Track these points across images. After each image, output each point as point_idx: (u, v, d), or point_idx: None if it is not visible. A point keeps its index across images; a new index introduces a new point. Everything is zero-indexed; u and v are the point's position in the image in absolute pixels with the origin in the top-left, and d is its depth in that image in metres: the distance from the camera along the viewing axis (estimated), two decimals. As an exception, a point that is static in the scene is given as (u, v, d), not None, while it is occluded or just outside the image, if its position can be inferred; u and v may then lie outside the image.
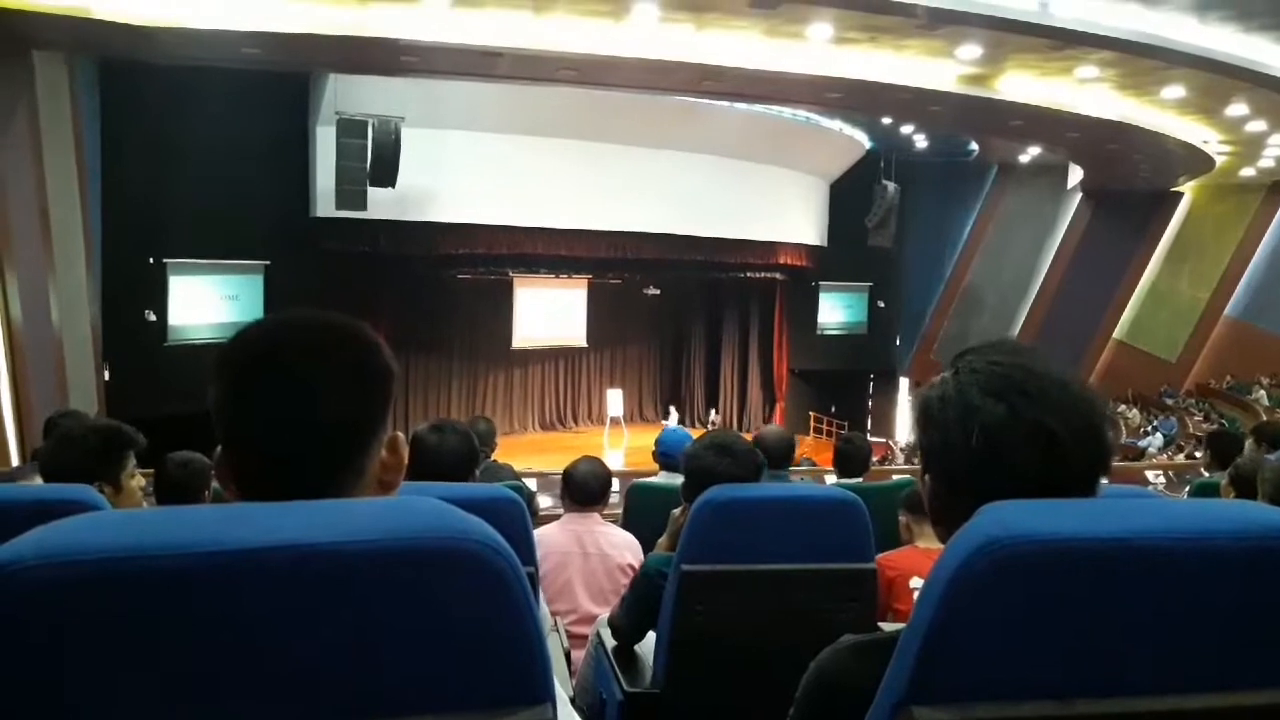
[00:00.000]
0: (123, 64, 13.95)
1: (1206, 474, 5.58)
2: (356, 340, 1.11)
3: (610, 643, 2.94)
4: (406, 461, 1.14)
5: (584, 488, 3.75)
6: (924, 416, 1.18)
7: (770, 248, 22.98)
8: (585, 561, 3.58)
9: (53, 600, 0.74)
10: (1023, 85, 13.52)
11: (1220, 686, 0.95)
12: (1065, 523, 0.94)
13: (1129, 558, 0.92)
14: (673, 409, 24.60)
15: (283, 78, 16.41)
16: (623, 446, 21.47)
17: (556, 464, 4.04)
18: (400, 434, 1.14)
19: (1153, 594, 0.93)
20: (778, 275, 24.43)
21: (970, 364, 1.16)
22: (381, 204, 16.70)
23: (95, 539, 0.77)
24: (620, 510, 4.52)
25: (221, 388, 1.06)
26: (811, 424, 25.18)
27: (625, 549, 3.67)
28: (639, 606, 2.79)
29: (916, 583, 3.19)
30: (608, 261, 22.06)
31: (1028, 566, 0.91)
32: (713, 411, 24.94)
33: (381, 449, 1.11)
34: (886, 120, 20.25)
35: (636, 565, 3.65)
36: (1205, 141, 16.77)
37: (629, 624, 2.86)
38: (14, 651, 0.74)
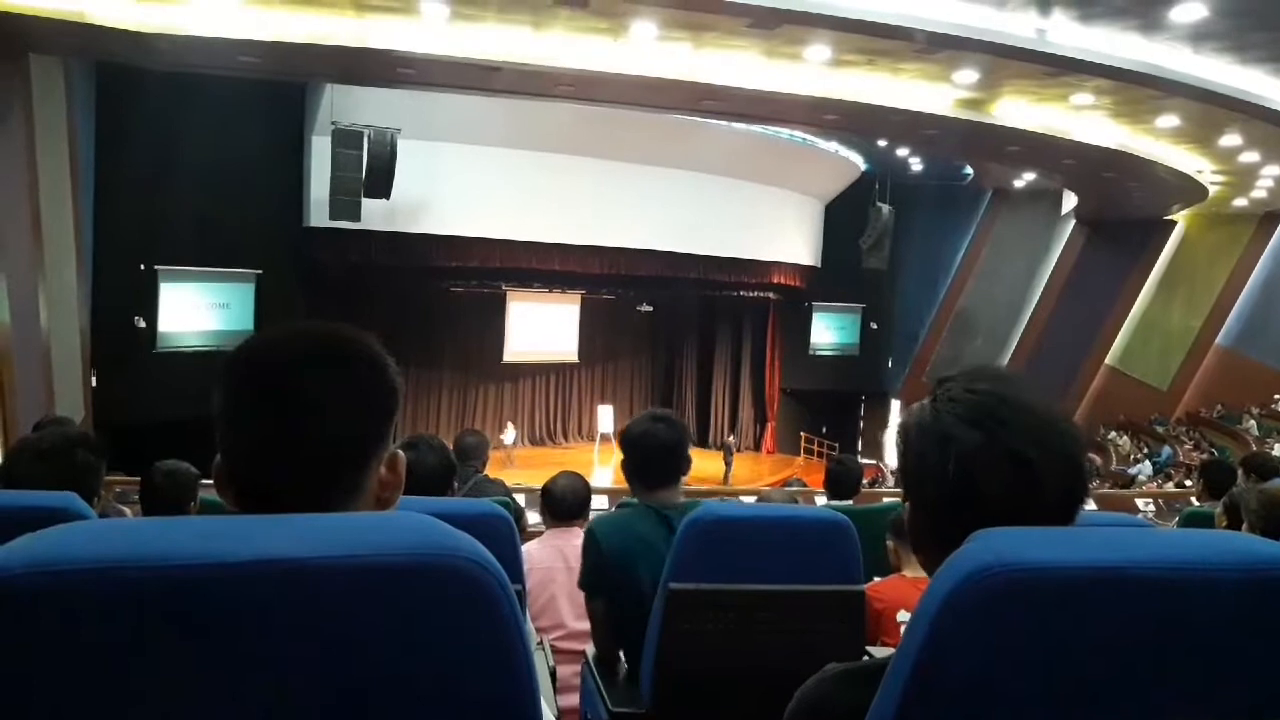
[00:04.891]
0: (119, 70, 13.96)
1: (1197, 503, 5.59)
2: (364, 356, 1.10)
3: (592, 654, 2.95)
4: (404, 480, 1.14)
5: (563, 503, 3.75)
6: (903, 444, 1.19)
7: (764, 267, 23.06)
8: (569, 576, 3.56)
9: (39, 609, 0.74)
10: (1019, 111, 13.61)
11: (1213, 715, 0.95)
12: (1058, 551, 0.94)
13: (1122, 587, 0.92)
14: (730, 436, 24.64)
15: (279, 87, 16.44)
16: (613, 463, 21.44)
17: (546, 480, 4.05)
18: (400, 453, 1.13)
19: (1144, 624, 0.93)
20: (771, 295, 24.52)
21: (948, 391, 1.16)
22: (375, 215, 16.72)
23: (83, 548, 0.76)
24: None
25: (225, 396, 1.06)
26: (802, 444, 25.21)
27: None
28: (591, 578, 2.86)
29: (904, 616, 3.18)
30: (601, 277, 22.10)
31: (1020, 594, 0.91)
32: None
33: (381, 466, 1.10)
34: (882, 143, 20.34)
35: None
36: (1199, 171, 16.87)
37: (597, 607, 2.88)
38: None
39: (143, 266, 16.34)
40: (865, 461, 18.93)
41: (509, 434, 22.10)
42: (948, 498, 1.12)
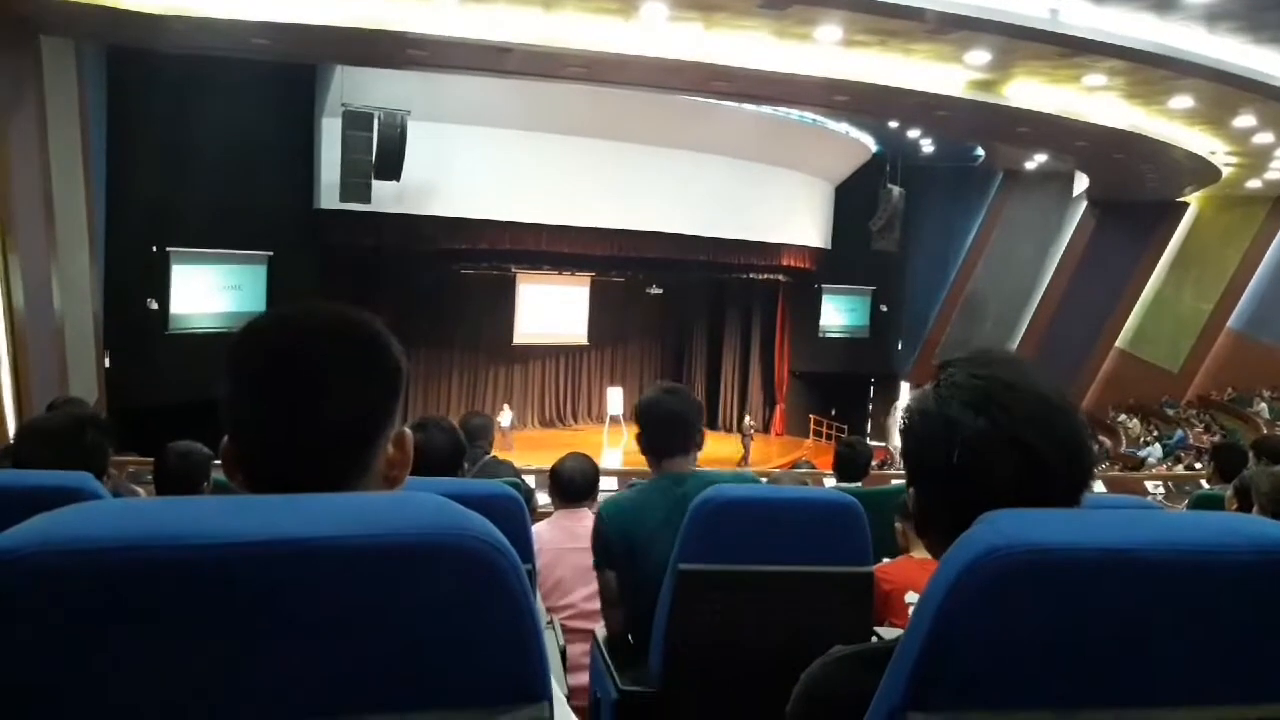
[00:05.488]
0: (130, 51, 13.95)
1: (1207, 485, 5.57)
2: (369, 337, 1.11)
3: (601, 634, 2.96)
4: (412, 459, 1.14)
5: (571, 484, 3.77)
6: (907, 430, 1.19)
7: (774, 249, 22.99)
8: (578, 557, 3.58)
9: (56, 588, 0.74)
10: (1031, 92, 13.51)
11: (1219, 699, 0.95)
12: (1067, 532, 0.94)
13: (1130, 568, 0.92)
14: (748, 417, 24.53)
15: (289, 68, 16.41)
16: (622, 445, 21.46)
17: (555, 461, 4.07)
18: (407, 430, 1.13)
19: (1152, 605, 0.93)
20: (781, 277, 24.45)
21: (951, 376, 1.16)
22: (386, 197, 16.71)
23: (99, 528, 0.77)
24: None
25: (231, 378, 1.06)
26: (811, 426, 25.18)
27: None
28: (597, 553, 2.90)
29: (912, 597, 3.18)
30: (611, 259, 22.07)
31: (1029, 575, 0.91)
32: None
33: (389, 445, 1.11)
34: (893, 124, 20.24)
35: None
36: (1212, 152, 16.75)
37: (608, 579, 2.91)
38: (15, 637, 0.74)
39: (155, 249, 16.33)
40: (874, 444, 18.86)
41: (505, 416, 21.95)
42: (952, 483, 1.13)
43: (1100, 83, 12.92)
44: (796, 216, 23.10)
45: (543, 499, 5.27)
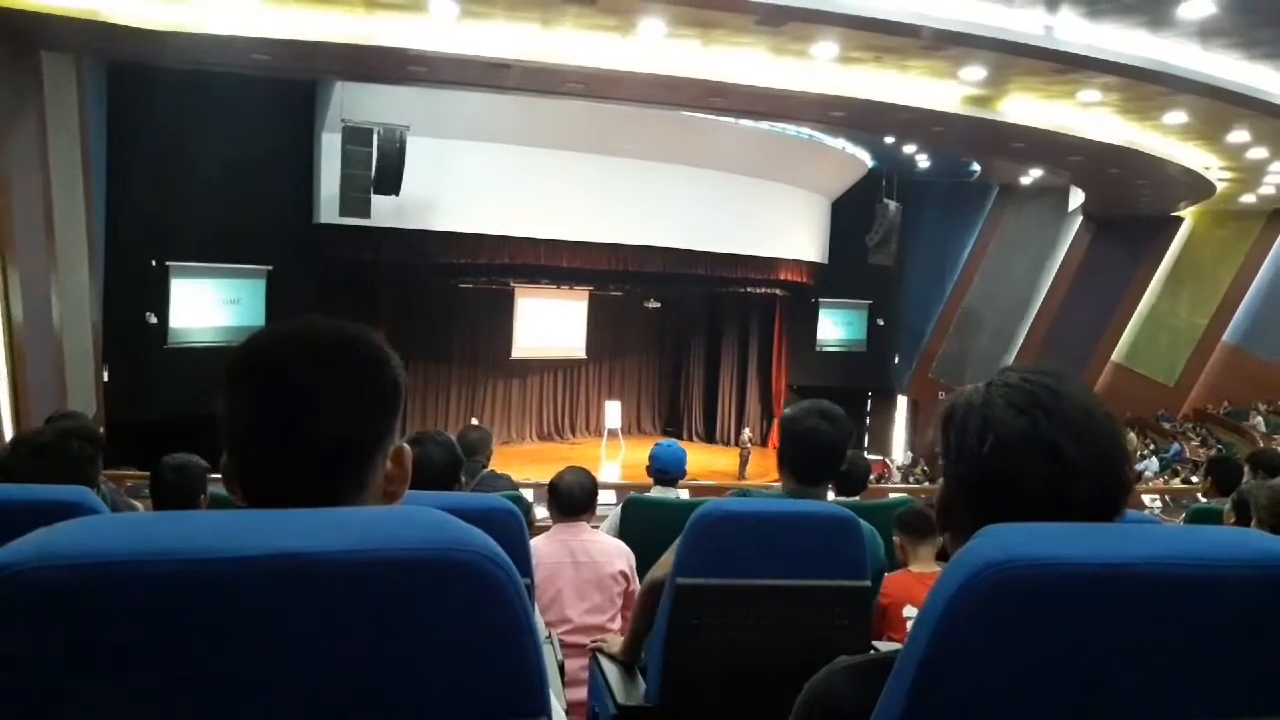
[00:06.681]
0: (131, 67, 13.98)
1: (1204, 499, 5.56)
2: (368, 353, 1.10)
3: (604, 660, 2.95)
4: (410, 474, 1.14)
5: (569, 498, 3.75)
6: (948, 420, 1.19)
7: (771, 263, 22.98)
8: (576, 571, 3.57)
9: (56, 602, 0.74)
10: (1026, 108, 13.54)
11: (1219, 714, 0.95)
12: (1066, 547, 0.94)
13: (1130, 583, 0.92)
14: (746, 430, 24.48)
15: (289, 84, 16.44)
16: (620, 459, 21.43)
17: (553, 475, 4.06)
18: (406, 446, 1.13)
19: (1154, 621, 0.93)
20: (778, 291, 24.43)
21: (1005, 377, 1.17)
22: (385, 212, 16.70)
23: (97, 543, 0.77)
24: (618, 523, 4.49)
25: (230, 395, 1.06)
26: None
27: (616, 556, 3.66)
28: None
29: (911, 611, 3.18)
30: (609, 274, 22.02)
31: (1027, 590, 0.91)
32: None
33: (388, 461, 1.10)
34: (889, 139, 20.27)
35: (629, 572, 3.65)
36: (1206, 167, 16.79)
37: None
38: (14, 651, 0.74)
39: (154, 263, 16.32)
40: (872, 457, 18.90)
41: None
42: (980, 479, 1.13)
43: (1095, 98, 12.95)
44: (793, 231, 23.11)
45: (541, 513, 5.26)
